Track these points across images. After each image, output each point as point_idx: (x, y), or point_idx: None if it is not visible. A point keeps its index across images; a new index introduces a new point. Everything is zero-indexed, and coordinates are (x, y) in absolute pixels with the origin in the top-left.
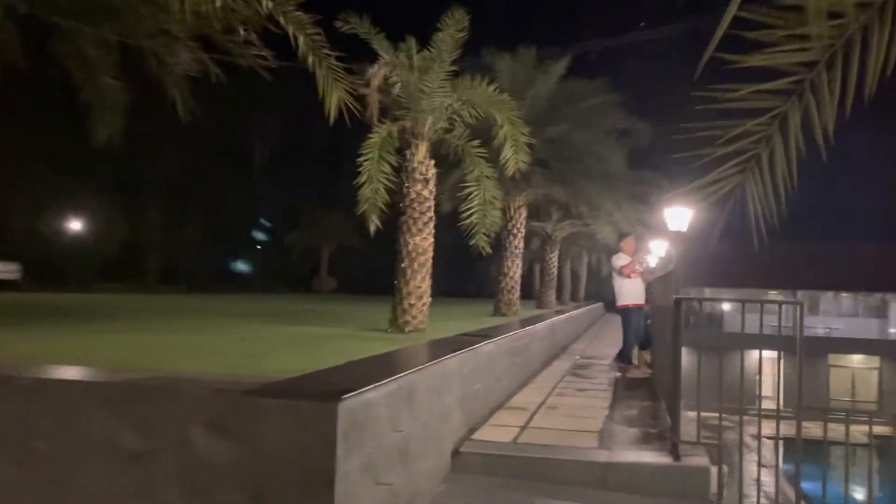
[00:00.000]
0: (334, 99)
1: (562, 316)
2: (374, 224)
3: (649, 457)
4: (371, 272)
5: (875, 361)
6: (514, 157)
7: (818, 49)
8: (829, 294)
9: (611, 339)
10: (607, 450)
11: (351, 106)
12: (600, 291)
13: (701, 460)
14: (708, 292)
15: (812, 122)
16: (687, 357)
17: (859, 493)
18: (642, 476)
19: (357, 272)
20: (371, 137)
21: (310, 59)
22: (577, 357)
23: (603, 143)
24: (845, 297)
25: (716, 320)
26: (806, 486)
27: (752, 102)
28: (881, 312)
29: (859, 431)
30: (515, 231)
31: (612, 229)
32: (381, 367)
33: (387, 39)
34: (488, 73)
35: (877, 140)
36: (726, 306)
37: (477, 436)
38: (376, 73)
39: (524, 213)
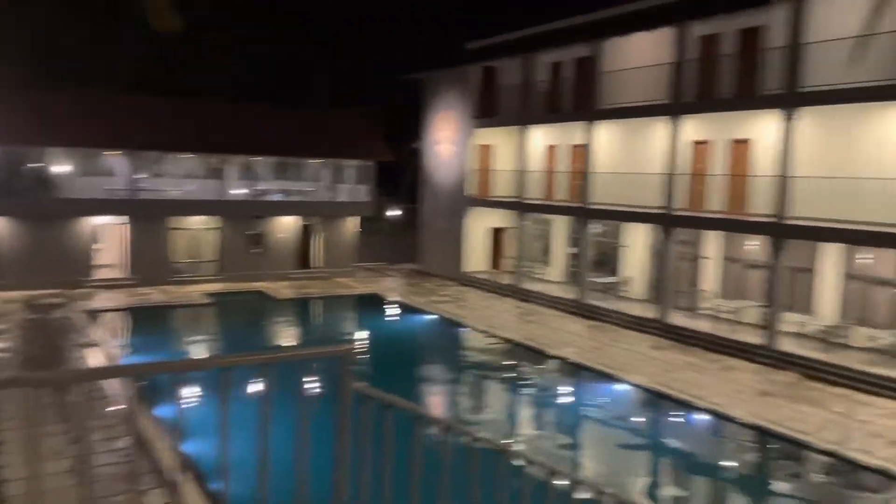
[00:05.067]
0: None
1: None
2: None
3: None
4: None
5: (217, 222)
6: None
7: None
8: (176, 155)
9: None
10: None
11: None
12: None
13: None
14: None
15: None
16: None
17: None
18: None
19: None
20: None
21: None
22: None
23: None
24: (190, 158)
25: (50, 185)
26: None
27: None
28: (219, 174)
29: (199, 291)
30: None
31: None
32: None
33: None
34: None
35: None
36: (63, 168)
37: None
38: None
39: None
